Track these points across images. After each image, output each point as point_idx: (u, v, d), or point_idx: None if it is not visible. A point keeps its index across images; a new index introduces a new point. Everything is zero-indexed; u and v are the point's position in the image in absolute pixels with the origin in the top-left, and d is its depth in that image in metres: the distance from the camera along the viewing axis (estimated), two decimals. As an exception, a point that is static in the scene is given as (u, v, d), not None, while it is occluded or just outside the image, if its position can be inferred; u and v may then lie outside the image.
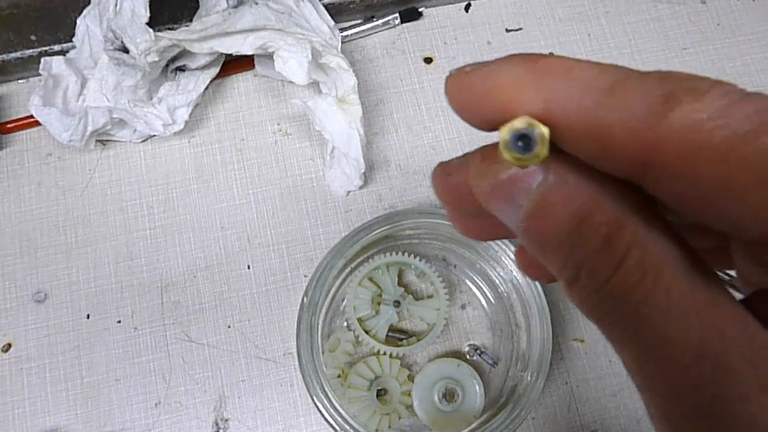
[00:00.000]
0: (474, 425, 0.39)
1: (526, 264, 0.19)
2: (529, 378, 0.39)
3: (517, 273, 0.41)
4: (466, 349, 0.43)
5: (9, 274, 0.44)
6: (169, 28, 0.45)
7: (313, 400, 0.36)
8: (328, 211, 0.46)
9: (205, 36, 0.40)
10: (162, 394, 0.42)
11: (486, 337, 0.44)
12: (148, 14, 0.40)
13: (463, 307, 0.44)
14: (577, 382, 0.43)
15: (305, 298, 0.37)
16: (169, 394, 0.42)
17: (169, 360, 0.43)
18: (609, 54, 0.49)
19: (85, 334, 0.43)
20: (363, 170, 0.43)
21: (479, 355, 0.42)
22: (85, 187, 0.46)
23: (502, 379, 0.42)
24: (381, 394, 0.40)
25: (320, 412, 0.36)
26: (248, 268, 0.45)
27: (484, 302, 0.44)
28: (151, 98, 0.45)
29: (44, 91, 0.43)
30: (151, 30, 0.40)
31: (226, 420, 0.42)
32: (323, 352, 0.41)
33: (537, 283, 0.40)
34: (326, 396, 0.35)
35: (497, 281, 0.43)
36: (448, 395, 0.40)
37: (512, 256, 0.40)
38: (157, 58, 0.40)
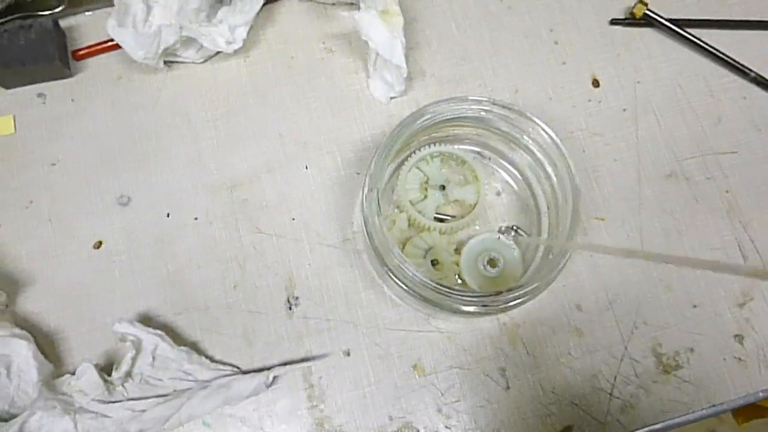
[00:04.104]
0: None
1: None
2: (556, 251, 0.44)
3: (545, 159, 0.46)
4: (504, 227, 0.49)
5: (94, 182, 0.49)
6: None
7: (382, 262, 0.41)
8: (373, 117, 0.51)
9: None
10: (238, 278, 0.48)
11: (520, 218, 0.49)
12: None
13: (498, 194, 0.50)
14: (600, 254, 0.49)
15: (368, 178, 0.43)
16: (244, 277, 0.48)
17: (242, 249, 0.48)
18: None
19: (166, 230, 0.49)
20: (405, 75, 0.49)
21: (515, 232, 0.48)
22: (155, 104, 0.51)
23: (536, 251, 0.48)
24: (434, 263, 0.46)
25: (389, 272, 0.41)
26: (306, 168, 0.50)
27: (516, 188, 0.50)
28: (211, 21, 0.50)
29: (117, 15, 0.48)
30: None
31: (297, 297, 0.48)
32: (380, 232, 0.46)
33: (567, 165, 0.45)
34: (395, 258, 0.41)
35: (527, 169, 0.49)
36: (492, 263, 0.46)
37: (542, 141, 0.45)
38: (223, -23, 0.45)
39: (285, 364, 0.46)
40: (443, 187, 0.48)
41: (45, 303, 0.47)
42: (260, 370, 0.46)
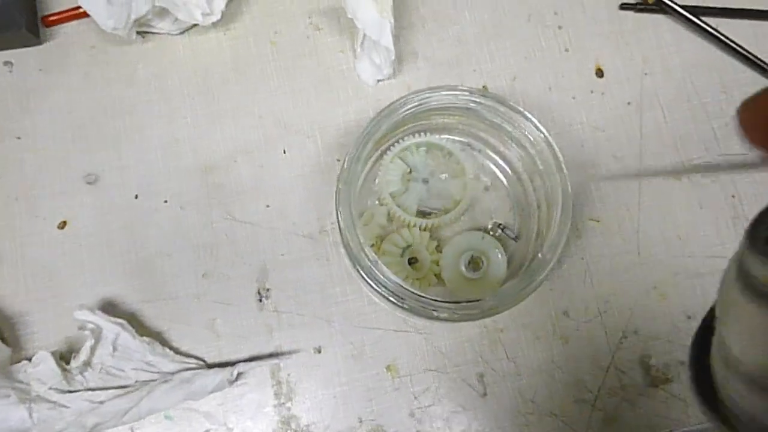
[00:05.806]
0: (496, 292, 0.42)
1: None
2: (545, 252, 0.41)
3: (537, 156, 0.43)
4: (490, 225, 0.46)
5: (62, 158, 0.47)
6: None
7: (354, 261, 0.39)
8: (359, 100, 0.48)
9: None
10: (209, 267, 0.46)
11: (508, 216, 0.47)
12: None
13: (486, 189, 0.47)
14: (593, 258, 0.46)
15: (343, 173, 0.40)
16: (215, 266, 0.46)
17: (214, 236, 0.46)
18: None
19: (136, 213, 0.46)
20: (393, 58, 0.45)
21: (502, 231, 0.45)
22: (130, 77, 0.48)
23: (523, 253, 0.45)
24: (412, 262, 0.44)
25: (360, 272, 0.39)
26: (284, 153, 0.47)
27: (506, 184, 0.47)
28: (189, -10, 0.47)
29: (88, -19, 0.45)
30: None
31: (268, 289, 0.45)
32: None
33: (560, 167, 0.42)
34: (366, 258, 0.38)
35: (519, 164, 0.46)
36: (474, 264, 0.43)
37: (534, 135, 0.42)
38: (198, -56, 0.42)
39: (251, 359, 0.44)
40: (427, 180, 0.45)
41: (6, 284, 0.45)
42: (226, 364, 0.44)
